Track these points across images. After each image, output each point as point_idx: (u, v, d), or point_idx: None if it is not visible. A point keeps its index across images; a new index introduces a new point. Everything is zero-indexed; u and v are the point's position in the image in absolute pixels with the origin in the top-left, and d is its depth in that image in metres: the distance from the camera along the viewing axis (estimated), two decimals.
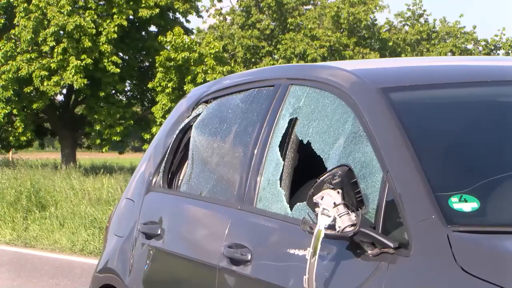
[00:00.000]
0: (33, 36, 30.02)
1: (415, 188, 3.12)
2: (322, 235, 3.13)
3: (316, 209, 3.16)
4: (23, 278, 10.57)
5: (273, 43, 39.62)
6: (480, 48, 42.70)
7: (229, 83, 4.46)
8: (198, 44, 31.71)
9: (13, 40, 30.73)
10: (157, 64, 30.87)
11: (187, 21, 34.01)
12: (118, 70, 30.62)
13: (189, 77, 30.63)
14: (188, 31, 33.84)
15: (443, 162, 3.29)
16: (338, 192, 3.15)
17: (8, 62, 30.20)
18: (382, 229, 3.15)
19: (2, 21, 31.02)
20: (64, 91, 33.03)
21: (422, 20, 42.39)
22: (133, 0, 31.34)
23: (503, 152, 3.40)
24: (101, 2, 31.38)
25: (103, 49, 30.25)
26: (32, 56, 30.30)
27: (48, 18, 30.05)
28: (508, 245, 2.93)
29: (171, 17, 33.41)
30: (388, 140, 3.28)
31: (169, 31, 31.24)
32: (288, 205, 3.64)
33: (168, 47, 31.10)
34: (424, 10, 43.53)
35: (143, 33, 33.24)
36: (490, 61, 4.47)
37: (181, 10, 32.87)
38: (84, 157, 43.28)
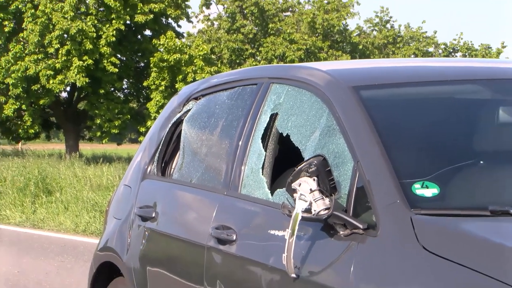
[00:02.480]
0: (39, 39, 29.88)
1: (382, 176, 3.12)
2: (299, 218, 3.13)
3: (294, 195, 3.16)
4: (32, 256, 10.55)
5: (256, 46, 39.55)
6: (440, 51, 42.72)
7: (216, 81, 4.45)
8: (188, 47, 31.61)
9: (22, 43, 30.58)
10: (151, 65, 30.78)
11: (179, 26, 34.06)
12: (117, 70, 30.53)
13: (180, 76, 30.55)
14: (179, 35, 33.74)
15: (408, 152, 3.30)
16: (314, 180, 3.15)
17: (17, 62, 30.06)
18: (353, 212, 3.15)
19: (12, 25, 30.83)
20: (68, 88, 32.89)
21: (388, 25, 42.38)
22: (129, 7, 31.21)
23: (461, 143, 3.41)
24: (101, 9, 31.24)
25: (102, 51, 30.14)
26: (39, 57, 30.16)
27: (53, 22, 29.91)
28: (464, 226, 2.93)
29: (164, 22, 33.30)
30: (358, 133, 3.28)
31: (162, 35, 31.14)
32: (269, 191, 3.63)
33: (161, 49, 31.01)
34: (391, 17, 43.55)
35: (139, 36, 33.12)
36: (449, 62, 4.48)
37: (173, 16, 32.75)
38: (86, 147, 43.13)
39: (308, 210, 3.13)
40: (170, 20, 33.48)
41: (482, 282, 2.69)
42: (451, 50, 42.58)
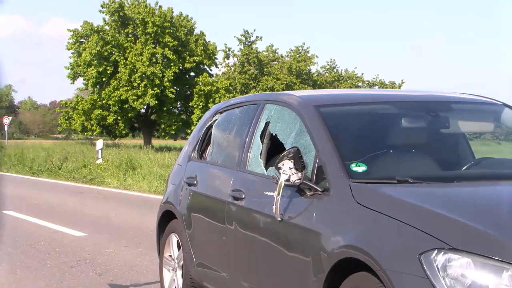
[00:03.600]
0: (128, 77, 29.88)
1: (332, 159, 3.10)
2: (282, 185, 3.11)
3: (280, 171, 3.14)
4: (123, 207, 10.53)
5: (256, 82, 39.50)
6: (365, 85, 42.63)
7: (233, 102, 4.42)
8: (216, 82, 31.64)
9: (117, 80, 30.59)
10: (194, 93, 30.79)
11: (210, 69, 33.93)
12: (174, 96, 30.56)
13: (211, 100, 30.57)
14: (211, 75, 33.73)
15: (348, 145, 3.27)
16: (292, 161, 3.12)
17: (115, 91, 30.12)
18: (315, 181, 3.12)
19: (111, 69, 30.89)
20: (145, 107, 32.90)
21: (335, 70, 42.29)
22: (181, 58, 31.30)
23: (379, 139, 3.38)
24: (165, 59, 31.24)
25: (165, 85, 30.17)
26: (128, 88, 30.17)
27: (136, 68, 29.91)
28: (381, 189, 2.91)
29: (202, 68, 33.31)
30: (318, 133, 3.26)
31: (201, 75, 31.17)
32: (265, 168, 3.61)
33: (200, 84, 31.02)
34: (336, 64, 43.44)
35: (187, 76, 33.13)
36: (372, 91, 4.44)
37: (207, 64, 32.81)
38: (155, 142, 43.04)
39: (288, 180, 3.11)
40: (205, 66, 33.49)
41: (390, 222, 2.67)
42: (372, 85, 42.46)
